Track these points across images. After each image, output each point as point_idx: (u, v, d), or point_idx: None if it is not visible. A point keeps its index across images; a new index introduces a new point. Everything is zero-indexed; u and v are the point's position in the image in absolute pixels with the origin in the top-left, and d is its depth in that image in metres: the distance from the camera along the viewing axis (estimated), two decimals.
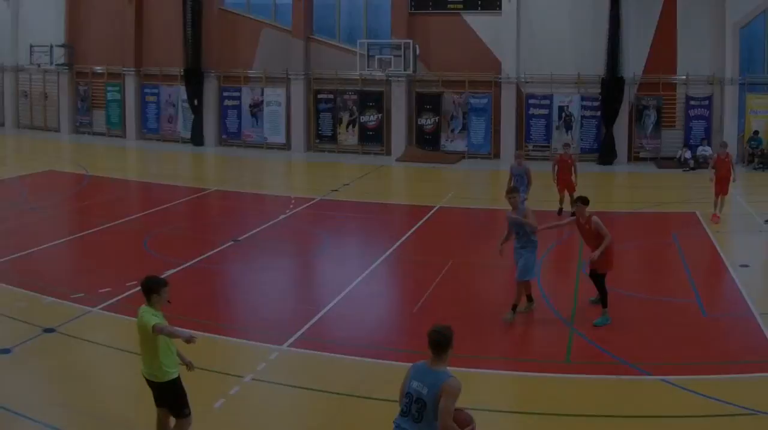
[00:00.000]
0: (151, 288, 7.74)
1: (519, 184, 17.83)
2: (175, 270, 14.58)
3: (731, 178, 19.74)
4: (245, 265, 15.70)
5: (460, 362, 10.61)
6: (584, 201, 12.39)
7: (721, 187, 19.59)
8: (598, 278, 12.24)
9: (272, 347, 11.05)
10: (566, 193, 19.73)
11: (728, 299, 14.06)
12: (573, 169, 20.10)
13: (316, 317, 12.37)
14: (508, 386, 10.41)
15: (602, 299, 12.23)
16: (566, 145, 21.16)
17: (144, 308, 7.69)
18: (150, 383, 7.76)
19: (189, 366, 8.02)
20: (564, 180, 20.08)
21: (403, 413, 6.37)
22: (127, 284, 13.20)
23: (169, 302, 7.89)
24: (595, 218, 12.04)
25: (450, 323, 10.61)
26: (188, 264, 15.20)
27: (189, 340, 7.54)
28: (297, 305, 13.44)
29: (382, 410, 8.68)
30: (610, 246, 12.06)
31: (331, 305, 13.05)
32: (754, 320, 12.53)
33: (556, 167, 20.26)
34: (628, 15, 28.66)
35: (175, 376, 7.70)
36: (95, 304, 12.72)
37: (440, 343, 6.36)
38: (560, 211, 19.67)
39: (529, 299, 12.56)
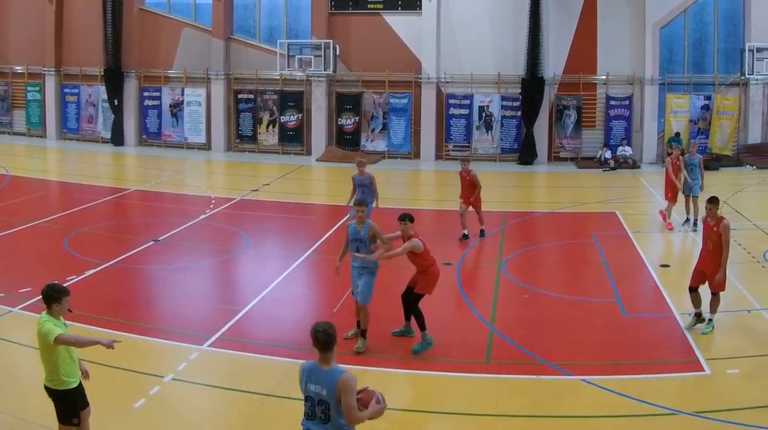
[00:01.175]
0: (52, 296, 7.46)
1: (366, 195, 16.13)
2: (95, 270, 14.54)
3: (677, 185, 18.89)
4: (165, 265, 15.50)
5: (380, 363, 10.82)
6: (410, 219, 11.33)
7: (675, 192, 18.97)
8: (413, 298, 11.16)
9: (192, 347, 11.02)
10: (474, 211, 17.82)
11: (649, 298, 14.03)
12: (474, 185, 17.45)
13: (237, 318, 12.31)
14: (429, 386, 10.29)
15: (419, 322, 11.06)
16: (464, 161, 17.96)
17: (44, 317, 7.43)
18: (48, 390, 7.51)
19: (85, 375, 7.76)
20: (465, 197, 17.58)
21: (309, 417, 6.41)
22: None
23: (70, 310, 7.63)
24: (415, 241, 11.01)
25: (373, 323, 11.03)
26: (109, 264, 15.05)
27: (109, 345, 7.41)
28: (217, 305, 13.29)
29: (302, 410, 8.85)
30: (431, 268, 11.20)
31: (251, 305, 12.98)
32: (675, 319, 12.52)
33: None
34: (548, 15, 28.66)
35: (74, 385, 7.49)
36: (15, 304, 12.49)
37: (327, 342, 6.32)
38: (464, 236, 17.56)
39: (359, 324, 11.39)
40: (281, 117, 30.20)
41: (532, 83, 28.65)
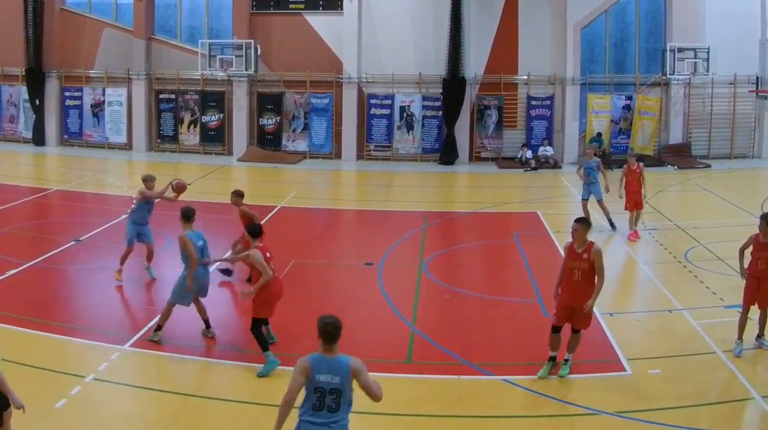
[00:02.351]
0: None
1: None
2: (16, 270, 14.37)
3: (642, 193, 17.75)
4: (87, 265, 15.26)
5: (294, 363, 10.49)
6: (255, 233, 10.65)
7: (633, 201, 17.78)
8: (251, 324, 10.32)
9: (114, 347, 10.96)
10: None
11: None
12: None
13: (157, 317, 12.04)
14: None
15: (260, 345, 10.24)
16: None
17: None
18: None
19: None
20: None
21: (316, 408, 6.50)
22: None
23: None
24: (255, 253, 10.19)
25: (291, 324, 11.64)
26: (30, 264, 14.89)
27: (18, 406, 7.22)
28: (138, 305, 13.19)
29: (224, 409, 9.10)
30: (270, 285, 10.21)
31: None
32: (596, 319, 12.31)
33: None
34: (469, 15, 28.66)
35: None
36: None
37: (334, 334, 6.61)
38: None
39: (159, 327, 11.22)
40: (202, 117, 30.03)
41: (454, 83, 28.59)
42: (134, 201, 13.55)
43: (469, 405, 9.40)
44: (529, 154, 28.90)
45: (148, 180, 14.14)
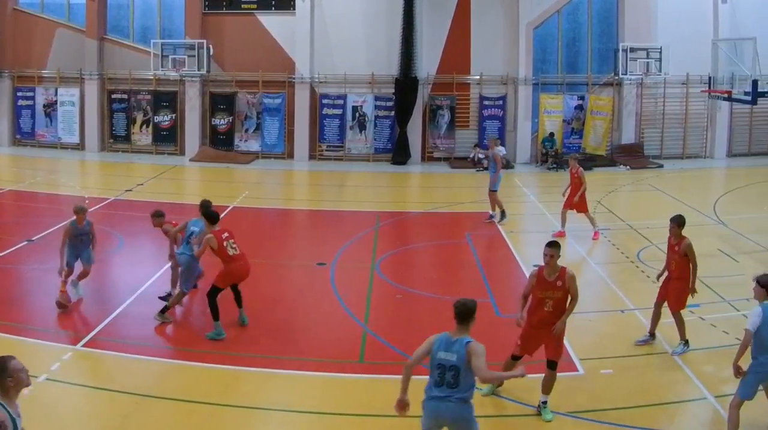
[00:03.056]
0: None
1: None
2: None
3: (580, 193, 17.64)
4: (40, 265, 15.12)
5: (255, 363, 10.73)
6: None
7: (569, 202, 17.83)
8: (209, 290, 11.54)
9: (66, 347, 10.98)
10: None
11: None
12: None
13: (110, 318, 12.27)
14: (303, 385, 10.21)
15: (212, 313, 11.41)
16: None
17: None
18: None
19: None
20: None
21: (438, 384, 7.06)
22: None
23: None
24: (208, 236, 11.44)
25: (244, 324, 11.82)
26: None
27: None
28: (91, 305, 13.08)
29: (177, 409, 9.14)
30: (234, 260, 11.51)
31: (124, 305, 12.86)
32: None
33: None
34: (421, 15, 28.65)
35: None
36: None
37: (465, 314, 7.20)
38: None
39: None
40: (155, 117, 29.93)
41: (406, 83, 28.57)
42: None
43: (420, 405, 9.35)
44: (481, 154, 28.83)
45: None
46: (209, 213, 11.66)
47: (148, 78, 29.79)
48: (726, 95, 22.64)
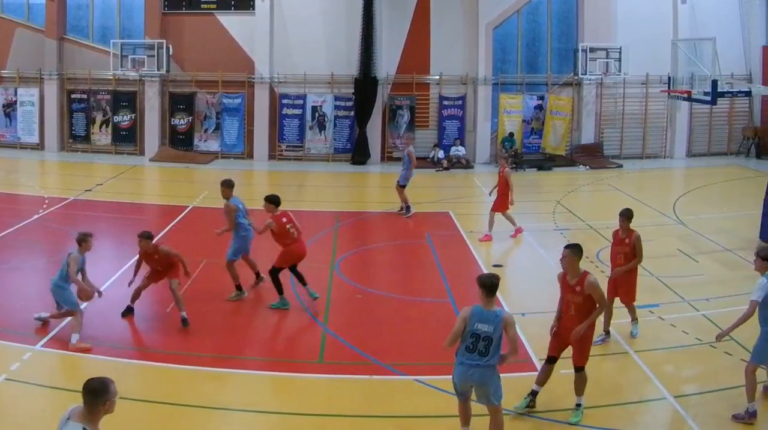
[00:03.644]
0: None
1: None
2: None
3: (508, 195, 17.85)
4: None
5: (214, 363, 10.75)
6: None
7: (497, 203, 18.01)
8: (270, 269, 12.85)
9: (26, 347, 10.97)
10: None
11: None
12: None
13: (70, 318, 12.02)
14: (262, 385, 10.29)
15: (276, 288, 12.82)
16: None
17: None
18: None
19: None
20: None
21: (469, 350, 7.81)
22: None
23: None
24: (268, 220, 12.65)
25: (205, 324, 11.98)
26: None
27: None
28: (51, 305, 12.83)
29: (136, 409, 9.11)
30: (287, 247, 12.72)
31: (84, 305, 12.58)
32: None
33: None
34: (381, 15, 28.63)
35: None
36: None
37: (493, 286, 7.91)
38: None
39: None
40: (114, 117, 29.85)
41: (365, 83, 28.55)
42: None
43: (381, 405, 9.51)
44: (441, 154, 28.88)
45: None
46: (272, 198, 12.87)
47: (108, 78, 29.71)
48: (685, 95, 22.61)
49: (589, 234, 18.16)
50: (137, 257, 12.64)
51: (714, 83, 18.69)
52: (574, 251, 9.13)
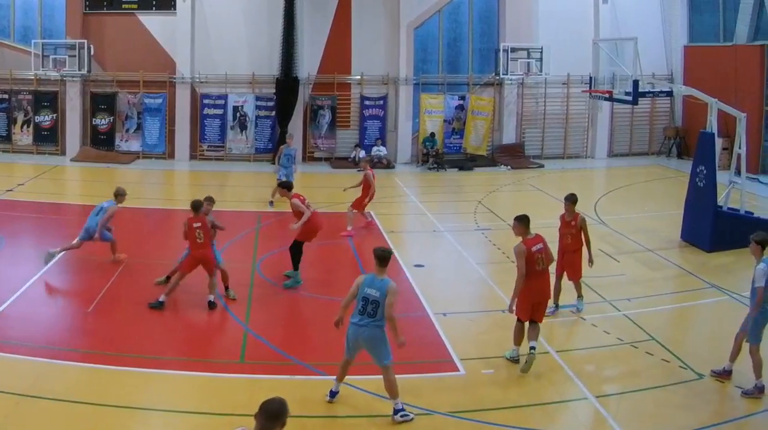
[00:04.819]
0: None
1: None
2: None
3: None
4: None
5: (135, 362, 10.70)
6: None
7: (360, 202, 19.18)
8: (293, 244, 14.31)
9: None
10: None
11: (403, 299, 13.79)
12: None
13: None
14: (184, 386, 10.24)
15: (293, 261, 14.33)
16: None
17: None
18: None
19: None
20: None
21: (361, 312, 8.99)
22: None
23: None
24: (294, 201, 14.38)
25: (127, 324, 12.12)
26: None
27: None
28: None
29: (57, 409, 9.10)
30: (310, 220, 14.19)
31: (4, 305, 12.75)
32: (429, 320, 12.64)
33: None
34: (302, 15, 28.68)
35: None
36: None
37: (385, 258, 9.21)
38: None
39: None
40: (36, 117, 29.70)
41: (287, 83, 28.57)
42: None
43: (303, 405, 9.44)
44: (362, 154, 28.88)
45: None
46: (287, 183, 15.01)
47: (29, 78, 29.58)
48: (607, 95, 22.70)
49: (510, 234, 17.98)
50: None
51: (635, 83, 18.79)
52: (517, 221, 10.91)
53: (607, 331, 12.15)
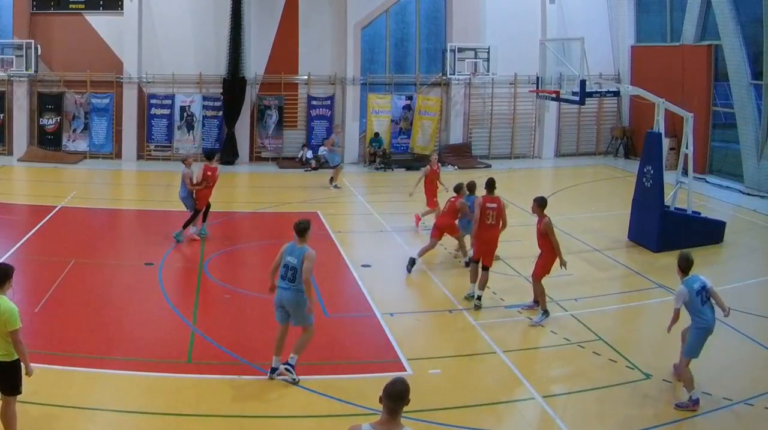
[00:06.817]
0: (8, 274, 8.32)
1: None
2: None
3: None
4: None
5: (82, 362, 10.69)
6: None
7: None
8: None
9: None
10: None
11: (350, 299, 14.14)
12: None
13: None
14: (131, 386, 10.19)
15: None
16: None
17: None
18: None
19: None
20: None
21: (282, 277, 9.93)
22: None
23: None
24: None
25: (75, 324, 12.09)
26: None
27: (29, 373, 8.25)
28: None
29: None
30: None
31: None
32: (377, 319, 12.67)
33: None
34: (249, 15, 28.65)
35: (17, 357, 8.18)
36: None
37: (304, 229, 10.08)
38: None
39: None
40: None
41: (234, 83, 28.57)
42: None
43: (250, 405, 9.56)
44: (309, 154, 28.98)
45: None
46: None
47: None
48: (554, 95, 22.78)
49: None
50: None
51: (582, 83, 18.83)
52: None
53: (554, 331, 12.22)
